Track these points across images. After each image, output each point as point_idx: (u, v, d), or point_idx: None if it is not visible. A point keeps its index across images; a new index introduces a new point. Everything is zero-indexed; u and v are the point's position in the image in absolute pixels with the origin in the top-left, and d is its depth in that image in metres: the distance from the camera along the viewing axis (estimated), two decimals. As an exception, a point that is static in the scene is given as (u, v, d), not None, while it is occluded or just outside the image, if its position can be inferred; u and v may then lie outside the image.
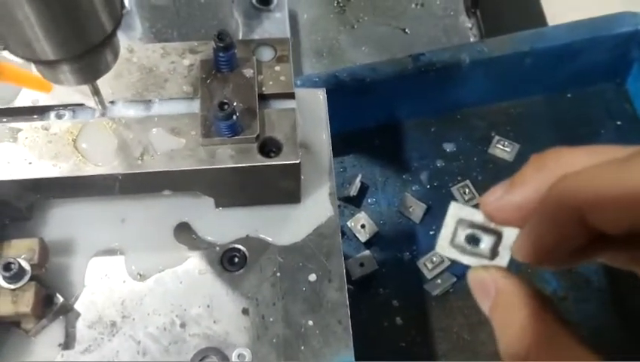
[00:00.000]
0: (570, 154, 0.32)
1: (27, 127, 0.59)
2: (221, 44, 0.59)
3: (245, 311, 0.60)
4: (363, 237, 0.90)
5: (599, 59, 0.95)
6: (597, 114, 0.99)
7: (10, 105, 0.60)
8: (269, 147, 0.58)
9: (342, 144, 0.91)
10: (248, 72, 0.61)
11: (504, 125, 0.97)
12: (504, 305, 0.34)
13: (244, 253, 0.62)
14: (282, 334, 0.59)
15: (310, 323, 0.59)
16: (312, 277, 0.61)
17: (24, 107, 0.60)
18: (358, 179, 0.94)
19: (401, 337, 0.84)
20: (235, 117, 0.56)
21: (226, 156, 0.58)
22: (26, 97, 0.60)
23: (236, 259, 0.62)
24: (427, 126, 0.98)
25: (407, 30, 1.20)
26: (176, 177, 0.58)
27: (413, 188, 0.95)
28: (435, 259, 0.89)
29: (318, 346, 0.58)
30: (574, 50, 0.94)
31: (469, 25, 1.24)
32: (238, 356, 0.57)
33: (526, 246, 0.33)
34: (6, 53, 0.56)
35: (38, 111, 0.60)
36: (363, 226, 0.91)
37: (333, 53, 1.14)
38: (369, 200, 0.95)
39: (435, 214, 0.92)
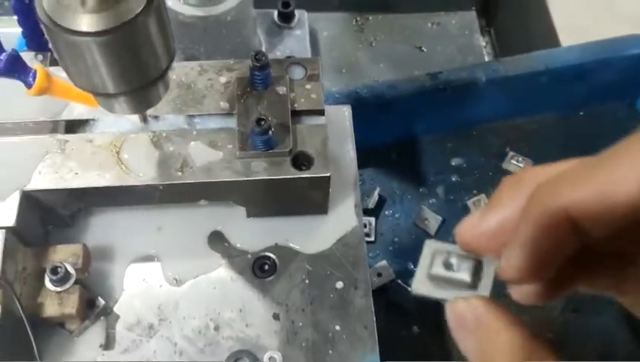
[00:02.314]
0: (544, 170, 0.31)
1: (73, 139, 0.62)
2: (257, 64, 0.62)
3: (276, 316, 0.63)
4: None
5: (610, 80, 0.98)
6: (608, 132, 1.01)
7: (58, 118, 0.63)
8: (301, 161, 0.62)
9: (361, 157, 0.94)
10: (282, 90, 0.64)
11: (518, 141, 1.00)
12: (485, 338, 0.30)
13: (274, 260, 0.66)
14: (311, 338, 0.62)
15: (337, 328, 0.62)
16: (339, 284, 0.64)
17: (71, 120, 0.63)
18: (376, 191, 0.97)
19: (419, 346, 0.87)
20: (270, 132, 0.60)
21: (260, 169, 0.61)
22: (73, 110, 0.64)
23: (266, 267, 0.66)
24: (443, 141, 1.02)
25: (423, 48, 1.24)
26: (213, 188, 0.62)
27: (430, 202, 0.98)
28: (450, 270, 0.92)
29: (345, 350, 0.61)
30: (586, 70, 0.97)
31: (484, 43, 1.28)
32: (269, 359, 0.60)
33: (518, 259, 0.30)
34: (54, 69, 0.61)
35: (85, 124, 0.63)
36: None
37: (352, 69, 1.18)
38: (386, 212, 0.98)
39: (450, 227, 0.96)
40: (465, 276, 0.33)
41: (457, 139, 1.01)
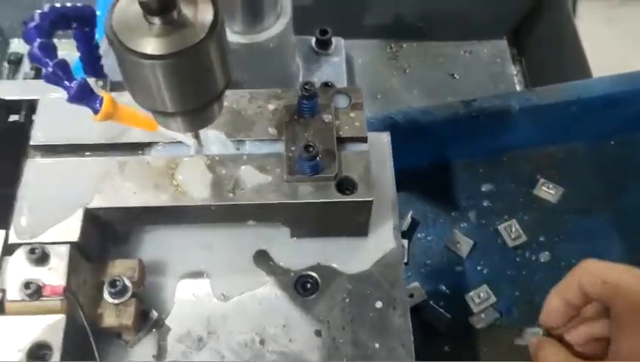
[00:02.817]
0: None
1: (132, 161, 0.67)
2: (306, 93, 0.66)
3: (318, 333, 0.66)
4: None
5: (636, 111, 1.00)
6: (638, 161, 1.04)
7: (119, 141, 0.68)
8: (345, 185, 0.65)
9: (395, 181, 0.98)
10: (327, 118, 0.68)
11: (549, 168, 1.03)
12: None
13: (316, 279, 0.69)
14: (351, 355, 0.65)
15: (377, 346, 0.65)
16: (379, 304, 0.67)
17: (130, 143, 0.68)
18: (410, 214, 1.01)
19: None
20: (317, 158, 0.63)
21: (307, 192, 0.65)
22: (132, 134, 0.68)
23: (309, 285, 0.69)
24: (475, 167, 1.05)
25: (455, 75, 1.27)
26: (261, 209, 0.66)
27: (462, 225, 1.01)
28: (482, 294, 0.95)
29: (384, 367, 0.64)
30: (617, 101, 1.00)
31: (515, 72, 1.31)
32: (312, 373, 0.64)
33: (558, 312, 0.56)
34: (116, 94, 0.65)
35: (142, 147, 0.68)
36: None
37: (386, 95, 1.22)
38: (419, 235, 1.01)
39: (481, 250, 0.98)
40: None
41: (489, 165, 1.04)
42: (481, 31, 1.33)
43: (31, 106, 0.71)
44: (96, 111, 0.61)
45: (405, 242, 1.00)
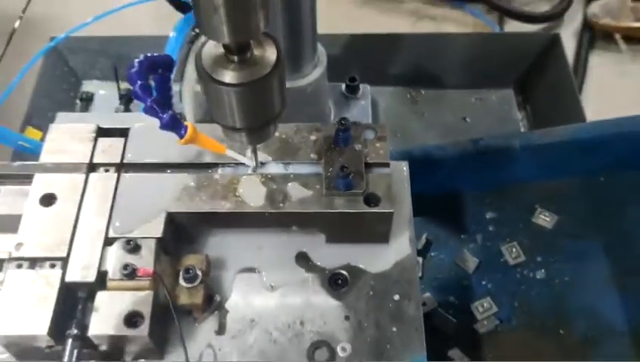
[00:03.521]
0: None
1: (204, 177, 0.85)
2: (342, 127, 0.84)
3: (347, 318, 0.82)
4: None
5: (626, 150, 1.16)
6: (624, 195, 1.19)
7: (194, 161, 0.86)
8: (371, 200, 0.82)
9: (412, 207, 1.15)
10: (358, 147, 0.86)
11: (546, 199, 1.19)
12: None
13: (346, 276, 0.85)
14: (373, 336, 0.81)
15: (394, 329, 0.81)
16: (396, 297, 0.84)
17: (202, 163, 0.86)
18: (424, 236, 1.17)
19: (458, 363, 1.05)
20: (350, 177, 0.81)
21: (340, 204, 0.82)
22: (204, 157, 0.86)
23: (340, 281, 0.85)
24: (482, 197, 1.21)
25: (467, 119, 1.45)
26: (304, 217, 0.83)
27: (469, 246, 1.17)
28: (485, 304, 1.10)
29: (400, 346, 0.80)
30: (604, 142, 1.16)
31: (520, 116, 1.49)
32: (342, 348, 0.80)
33: None
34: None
35: (212, 166, 0.86)
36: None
37: (405, 134, 1.40)
38: (432, 254, 1.17)
39: (485, 267, 1.14)
40: None
41: (494, 195, 1.21)
42: (490, 80, 1.51)
43: (122, 133, 0.90)
44: (181, 137, 0.79)
45: (420, 259, 1.16)
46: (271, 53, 0.67)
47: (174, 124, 0.79)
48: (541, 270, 1.14)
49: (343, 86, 1.33)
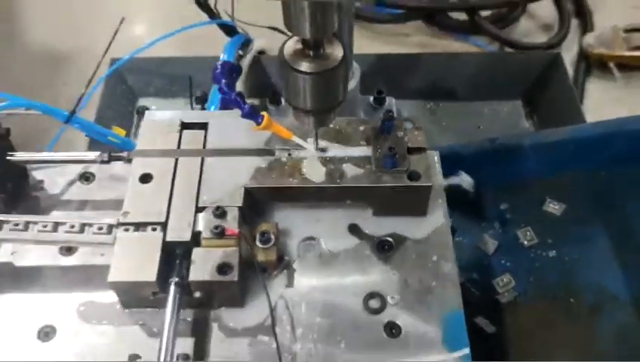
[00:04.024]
0: None
1: (273, 159, 1.02)
2: (388, 118, 1.02)
3: (394, 275, 0.99)
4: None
5: (619, 148, 1.34)
6: (623, 189, 1.36)
7: (264, 147, 1.04)
8: (413, 176, 1.00)
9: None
10: (400, 134, 1.03)
11: (554, 190, 1.36)
12: None
13: (391, 242, 1.02)
14: (417, 289, 0.97)
15: (434, 283, 0.98)
16: (434, 258, 1.00)
17: (272, 148, 1.04)
18: (450, 223, 1.33)
19: (483, 331, 1.21)
20: (396, 157, 0.98)
21: (388, 180, 0.99)
22: (273, 142, 1.04)
23: (386, 246, 1.02)
24: (498, 189, 1.38)
25: (481, 127, 1.63)
26: (357, 191, 1.00)
27: (489, 232, 1.34)
28: (505, 280, 1.27)
29: (439, 296, 0.96)
30: (604, 140, 1.33)
31: (527, 125, 1.67)
32: (391, 298, 0.96)
33: None
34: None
35: (280, 150, 1.03)
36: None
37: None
38: (456, 239, 1.33)
39: (503, 249, 1.31)
40: None
41: (508, 187, 1.38)
42: (500, 93, 1.70)
43: (201, 126, 1.08)
44: (258, 124, 0.97)
45: (446, 243, 1.32)
46: (338, 52, 0.86)
47: (253, 114, 0.97)
48: (552, 250, 1.30)
49: (371, 98, 1.51)
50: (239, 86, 1.53)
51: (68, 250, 1.02)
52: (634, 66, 1.98)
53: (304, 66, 0.84)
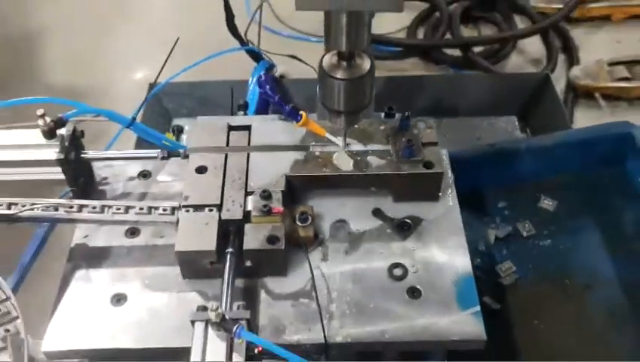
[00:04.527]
0: None
1: (307, 153, 1.21)
2: (406, 117, 1.21)
3: (413, 250, 1.16)
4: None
5: (604, 151, 1.53)
6: (608, 186, 1.55)
7: (300, 144, 1.22)
8: (427, 165, 1.18)
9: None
10: (415, 131, 1.22)
11: (548, 189, 1.55)
12: None
13: (409, 223, 1.20)
14: (432, 258, 1.14)
15: (447, 255, 1.15)
16: (446, 234, 1.18)
17: (308, 145, 1.22)
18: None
19: (489, 308, 1.38)
20: (413, 148, 1.17)
21: (406, 167, 1.18)
22: (307, 139, 1.22)
23: (405, 227, 1.20)
24: (498, 188, 1.57)
25: (479, 138, 1.82)
26: (380, 178, 1.18)
27: (491, 225, 1.52)
28: (506, 265, 1.44)
29: (452, 265, 1.13)
30: (591, 143, 1.52)
31: (522, 137, 1.86)
32: (412, 266, 1.13)
33: None
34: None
35: (314, 145, 1.22)
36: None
37: (434, 150, 1.77)
38: (463, 232, 1.51)
39: (505, 239, 1.48)
40: None
41: (508, 188, 1.56)
42: (497, 109, 1.91)
43: (245, 128, 1.26)
44: (298, 122, 1.16)
45: (453, 236, 1.49)
46: (367, 64, 1.05)
47: (293, 113, 1.16)
48: (548, 240, 1.48)
49: (382, 114, 1.71)
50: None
51: (132, 233, 1.19)
52: (618, 97, 2.19)
53: (339, 74, 1.03)
